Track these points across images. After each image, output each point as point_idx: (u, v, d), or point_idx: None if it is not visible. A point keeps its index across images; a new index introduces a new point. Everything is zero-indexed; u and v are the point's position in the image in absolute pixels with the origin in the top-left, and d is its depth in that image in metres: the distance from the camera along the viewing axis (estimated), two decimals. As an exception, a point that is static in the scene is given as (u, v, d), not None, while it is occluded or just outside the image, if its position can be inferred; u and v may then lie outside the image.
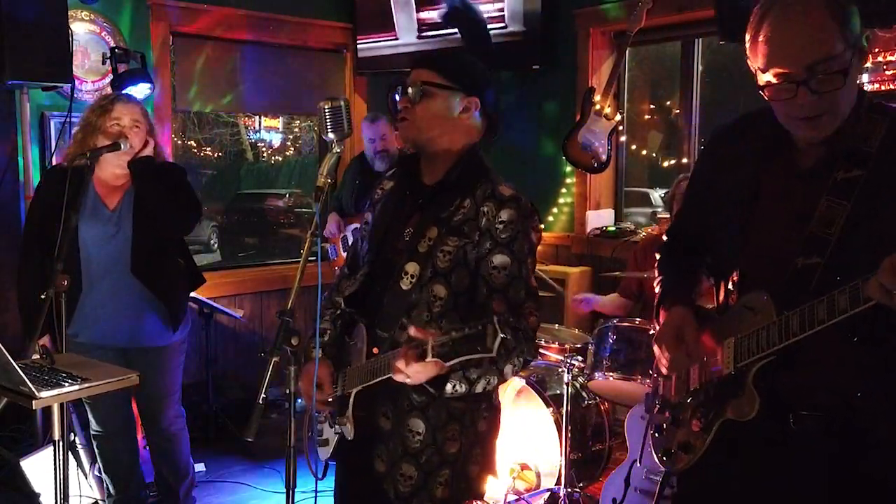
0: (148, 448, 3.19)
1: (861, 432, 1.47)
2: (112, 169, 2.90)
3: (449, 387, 1.72)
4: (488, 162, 1.94)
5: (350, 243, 4.25)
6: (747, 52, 1.54)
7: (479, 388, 1.76)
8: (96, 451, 3.05)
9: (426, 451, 1.87)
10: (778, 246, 1.53)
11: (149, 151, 2.90)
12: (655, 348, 1.71)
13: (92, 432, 3.04)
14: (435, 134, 1.88)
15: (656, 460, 1.78)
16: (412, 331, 1.65)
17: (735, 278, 1.64)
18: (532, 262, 1.85)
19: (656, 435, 1.80)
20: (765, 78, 1.49)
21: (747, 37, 1.52)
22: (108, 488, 3.04)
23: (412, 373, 1.64)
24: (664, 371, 1.76)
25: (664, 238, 1.95)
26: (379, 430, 1.92)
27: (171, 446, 3.11)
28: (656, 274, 1.88)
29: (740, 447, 1.59)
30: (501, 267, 1.80)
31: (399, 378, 1.68)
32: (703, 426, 1.63)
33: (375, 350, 1.90)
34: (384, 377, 1.79)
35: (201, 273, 3.24)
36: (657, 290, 1.85)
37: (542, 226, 1.90)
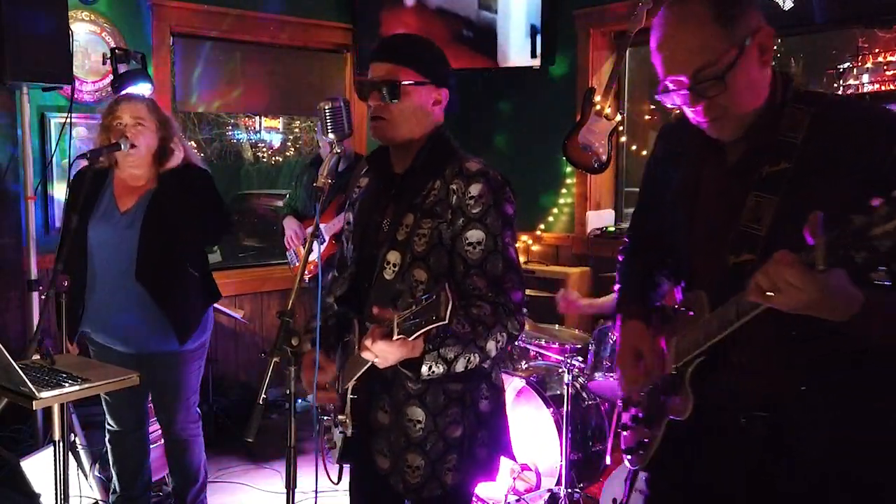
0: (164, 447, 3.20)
1: (800, 430, 1.45)
2: (129, 169, 2.88)
3: (424, 368, 1.68)
4: (454, 141, 1.94)
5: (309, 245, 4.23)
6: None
7: (459, 367, 1.72)
8: (108, 445, 3.04)
9: (430, 439, 1.85)
10: (715, 244, 1.52)
11: (175, 162, 2.87)
12: (617, 369, 1.72)
13: (106, 427, 3.03)
14: (410, 128, 1.89)
15: (625, 460, 1.79)
16: (375, 310, 1.67)
17: (685, 277, 1.64)
18: (511, 235, 1.84)
19: (623, 433, 1.81)
20: (662, 85, 1.49)
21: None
22: (113, 484, 3.03)
23: (378, 351, 1.62)
24: (626, 392, 1.78)
25: (624, 239, 1.94)
26: (378, 426, 1.91)
27: (182, 450, 3.10)
28: (616, 278, 1.88)
29: (688, 446, 1.59)
30: (476, 242, 1.79)
31: (368, 357, 1.66)
32: (653, 425, 1.65)
33: None
34: (366, 366, 1.78)
35: (218, 290, 3.10)
36: (615, 297, 1.85)
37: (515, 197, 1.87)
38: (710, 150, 1.56)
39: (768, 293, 1.25)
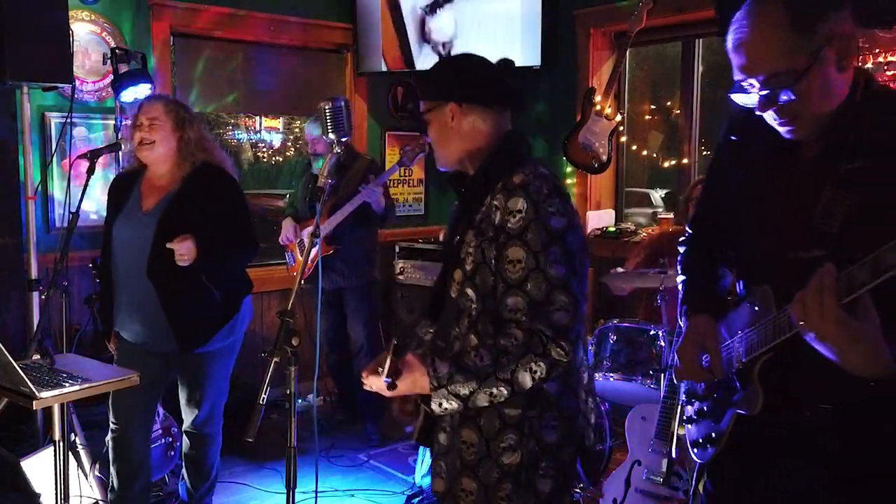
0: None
1: (872, 427, 1.45)
2: (153, 168, 2.93)
3: (434, 405, 1.68)
4: (520, 150, 1.87)
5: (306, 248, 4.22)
6: None
7: (481, 402, 1.68)
8: (110, 443, 3.04)
9: (483, 464, 1.79)
10: (783, 239, 1.52)
11: (197, 162, 2.89)
12: (676, 359, 1.70)
13: (110, 426, 3.03)
14: (451, 149, 1.89)
15: (691, 453, 1.77)
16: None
17: (750, 271, 1.64)
18: (559, 252, 1.69)
19: (688, 426, 1.80)
20: (735, 85, 1.49)
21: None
22: (112, 483, 3.02)
23: (372, 385, 1.74)
24: (681, 379, 1.77)
25: (687, 230, 1.93)
26: (439, 446, 1.89)
27: (195, 448, 3.14)
28: (679, 271, 1.87)
29: (758, 442, 1.58)
30: (516, 261, 1.69)
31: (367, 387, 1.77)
32: (721, 419, 1.64)
33: None
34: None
35: (238, 307, 3.02)
36: (680, 289, 1.84)
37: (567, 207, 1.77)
38: (782, 147, 1.55)
39: (800, 321, 1.27)
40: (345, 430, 4.54)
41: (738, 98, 1.49)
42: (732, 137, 1.73)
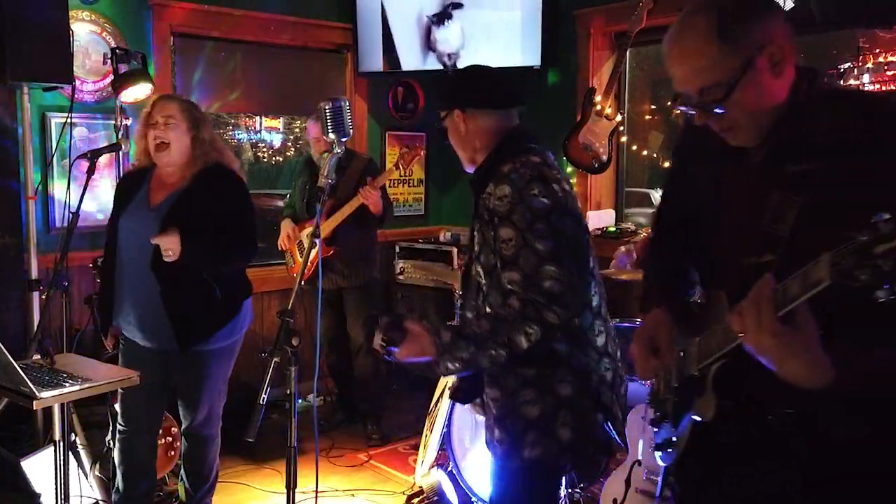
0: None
1: (829, 431, 1.43)
2: (161, 166, 2.94)
3: (441, 368, 1.91)
4: (516, 144, 2.05)
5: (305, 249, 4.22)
6: None
7: (483, 363, 1.90)
8: (116, 444, 3.03)
9: (508, 417, 2.03)
10: (736, 244, 1.50)
11: (209, 162, 2.91)
12: (630, 354, 1.71)
13: (118, 426, 3.02)
14: (466, 150, 2.14)
15: (655, 456, 1.78)
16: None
17: (706, 276, 1.63)
18: (543, 228, 1.88)
19: (653, 430, 1.80)
20: (676, 95, 1.48)
21: None
22: (116, 483, 3.02)
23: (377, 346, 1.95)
24: (640, 377, 1.76)
25: (650, 233, 1.95)
26: (485, 404, 2.14)
27: (194, 449, 3.13)
28: (643, 270, 1.89)
29: (715, 445, 1.58)
30: (507, 239, 1.90)
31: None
32: (678, 424, 1.64)
33: None
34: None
35: (238, 309, 3.02)
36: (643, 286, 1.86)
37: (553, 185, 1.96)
38: (732, 151, 1.54)
39: (739, 333, 1.26)
40: (345, 430, 4.54)
41: (675, 108, 1.49)
42: (686, 142, 1.73)
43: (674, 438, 1.67)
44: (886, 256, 1.04)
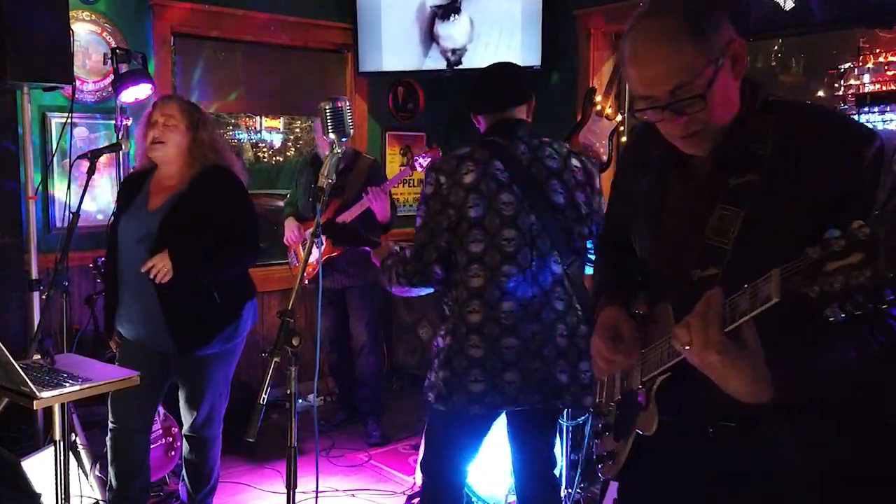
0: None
1: (769, 440, 1.42)
2: (163, 168, 2.94)
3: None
4: (480, 141, 2.43)
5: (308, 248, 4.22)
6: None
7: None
8: (109, 443, 3.03)
9: (432, 347, 2.51)
10: (681, 257, 1.48)
11: (208, 163, 2.91)
12: (592, 349, 1.64)
13: (109, 425, 3.02)
14: None
15: (596, 467, 1.75)
16: None
17: (652, 288, 1.60)
18: (422, 209, 2.41)
19: (596, 441, 1.77)
20: (637, 100, 1.44)
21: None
22: (110, 482, 3.02)
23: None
24: (600, 374, 1.72)
25: (597, 241, 1.92)
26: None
27: (195, 451, 3.12)
28: (593, 276, 1.86)
29: (657, 459, 1.56)
30: None
31: None
32: (621, 437, 1.61)
33: None
34: None
35: (239, 312, 3.00)
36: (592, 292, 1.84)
37: (440, 178, 2.37)
38: (676, 161, 1.52)
39: (685, 347, 1.24)
40: (345, 430, 4.54)
41: (640, 113, 1.45)
42: (630, 152, 1.71)
43: (615, 451, 1.65)
44: (836, 275, 1.02)
